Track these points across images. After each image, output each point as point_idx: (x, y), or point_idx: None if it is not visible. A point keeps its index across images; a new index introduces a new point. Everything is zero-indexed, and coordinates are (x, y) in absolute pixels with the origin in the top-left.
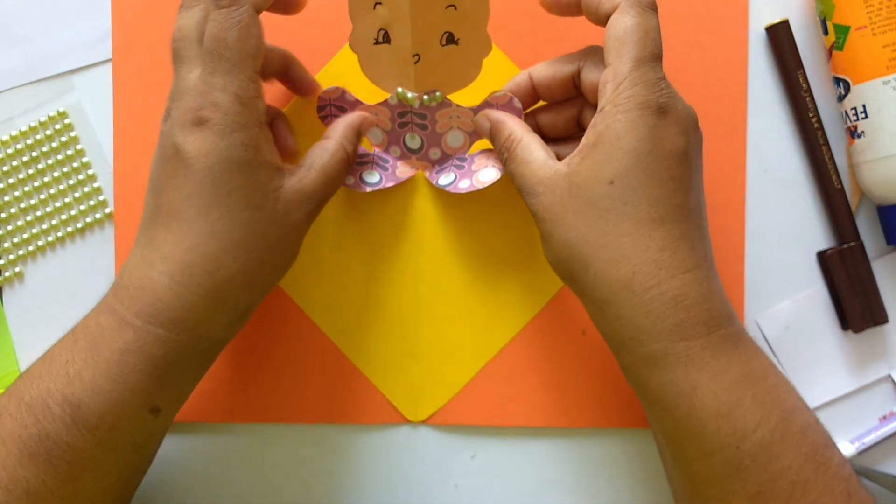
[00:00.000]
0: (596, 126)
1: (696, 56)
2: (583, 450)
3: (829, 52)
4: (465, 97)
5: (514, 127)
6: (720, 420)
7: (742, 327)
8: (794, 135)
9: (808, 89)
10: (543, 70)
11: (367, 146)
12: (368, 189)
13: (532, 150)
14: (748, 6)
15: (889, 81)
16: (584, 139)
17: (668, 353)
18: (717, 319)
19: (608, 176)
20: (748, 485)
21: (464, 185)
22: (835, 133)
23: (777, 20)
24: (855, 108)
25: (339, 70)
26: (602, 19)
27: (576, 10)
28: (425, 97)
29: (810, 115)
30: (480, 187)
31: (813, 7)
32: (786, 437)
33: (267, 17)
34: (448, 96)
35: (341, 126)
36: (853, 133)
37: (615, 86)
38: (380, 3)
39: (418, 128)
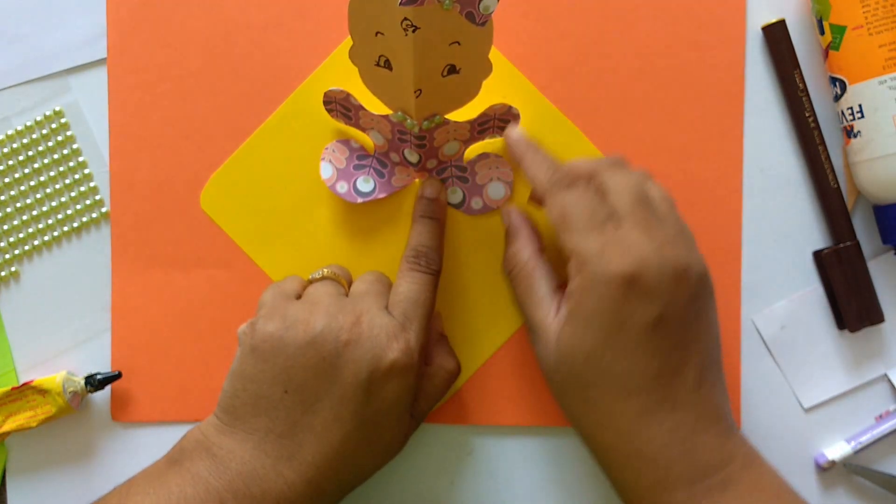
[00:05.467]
0: (571, 297)
1: (692, 56)
2: (579, 449)
3: (826, 52)
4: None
5: (526, 244)
6: None
7: (742, 464)
8: (791, 134)
9: (805, 89)
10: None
11: (369, 146)
12: (360, 200)
13: (535, 279)
14: (745, 6)
15: (885, 81)
16: (565, 302)
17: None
18: (703, 471)
19: (583, 353)
20: None
21: (477, 207)
22: (831, 133)
23: (774, 20)
24: (851, 108)
25: (338, 66)
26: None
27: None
28: (425, 123)
29: (807, 114)
30: (495, 207)
31: (809, 7)
32: None
33: (264, 11)
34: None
35: (435, 347)
36: (849, 133)
37: (580, 263)
38: (381, 34)
39: (416, 147)
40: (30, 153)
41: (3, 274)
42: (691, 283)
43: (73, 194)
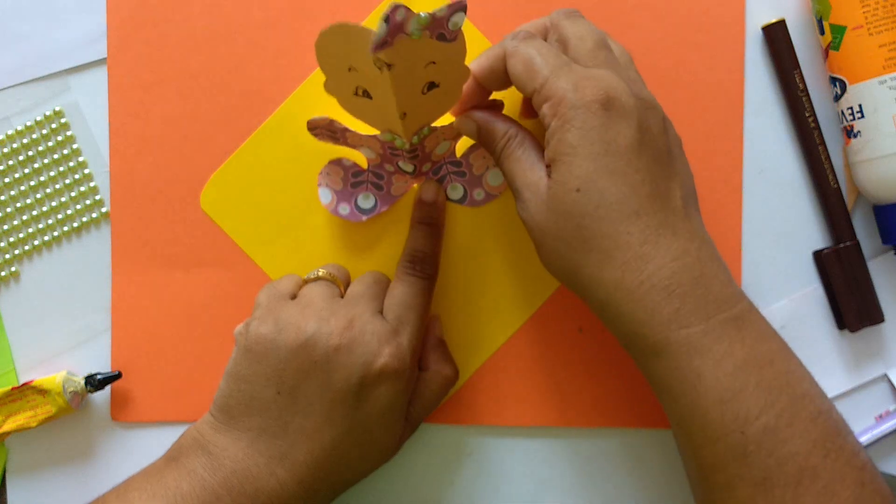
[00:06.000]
0: (550, 143)
1: (692, 56)
2: (579, 449)
3: (826, 52)
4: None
5: (507, 124)
6: (723, 406)
7: (749, 307)
8: (791, 134)
9: (805, 89)
10: (479, 65)
11: (362, 162)
12: (364, 218)
13: (525, 147)
14: (745, 6)
15: (885, 81)
16: (545, 155)
17: (669, 343)
18: (716, 303)
19: (574, 185)
20: (754, 470)
21: (479, 198)
22: (831, 133)
23: (773, 20)
24: (851, 108)
25: None
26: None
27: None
28: (414, 138)
29: (807, 114)
30: (497, 194)
31: (809, 7)
32: (793, 422)
33: (264, 11)
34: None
35: (432, 353)
36: (849, 133)
37: (555, 103)
38: (354, 69)
39: (410, 159)
40: (30, 153)
41: (3, 274)
42: (659, 115)
43: (73, 194)
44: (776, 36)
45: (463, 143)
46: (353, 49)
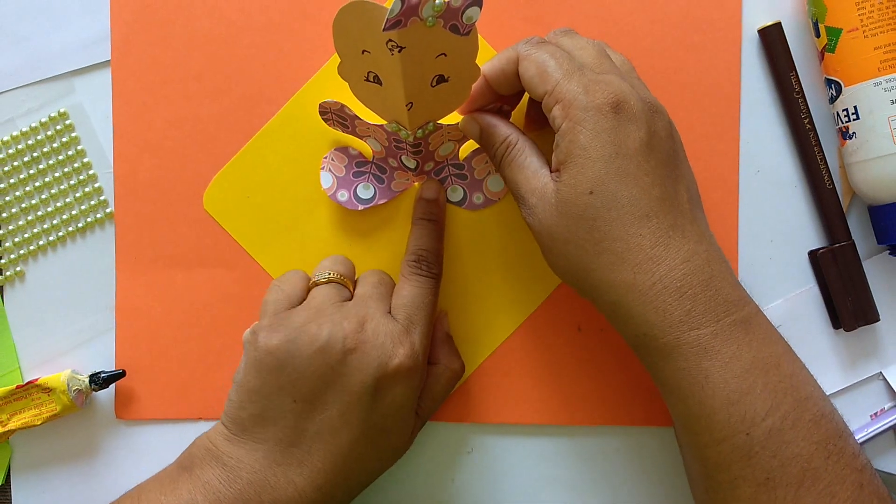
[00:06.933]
0: (560, 145)
1: (689, 58)
2: (579, 446)
3: (822, 54)
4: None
5: (509, 130)
6: (731, 407)
7: (755, 310)
8: (787, 136)
9: (801, 91)
10: (491, 66)
11: (368, 153)
12: (361, 207)
13: (527, 154)
14: (741, 8)
15: (880, 83)
16: (554, 158)
17: (680, 344)
18: (725, 305)
19: (586, 187)
20: (757, 471)
21: (479, 202)
22: (827, 134)
23: (770, 22)
24: (847, 110)
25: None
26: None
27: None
28: (419, 132)
29: (802, 116)
30: (497, 200)
31: (805, 9)
32: (797, 424)
33: (266, 13)
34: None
35: (440, 347)
36: (845, 134)
37: (566, 106)
38: (367, 52)
39: (413, 154)
40: (35, 154)
41: (8, 273)
42: (665, 119)
43: (77, 195)
44: (772, 38)
45: (467, 147)
46: (368, 29)
